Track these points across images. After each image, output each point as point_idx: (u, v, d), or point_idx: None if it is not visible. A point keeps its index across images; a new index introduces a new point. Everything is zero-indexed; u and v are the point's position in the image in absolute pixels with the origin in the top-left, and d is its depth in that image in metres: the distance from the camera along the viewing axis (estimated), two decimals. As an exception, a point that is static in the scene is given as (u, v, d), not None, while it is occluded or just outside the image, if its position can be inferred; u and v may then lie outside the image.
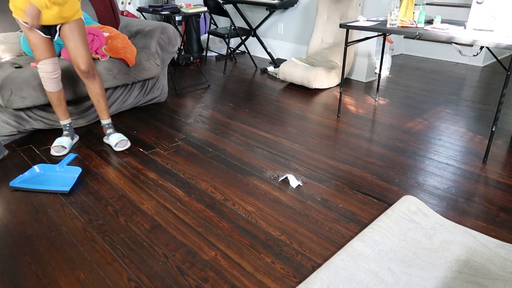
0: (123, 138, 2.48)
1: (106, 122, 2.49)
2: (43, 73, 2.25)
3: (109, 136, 2.49)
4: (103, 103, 2.41)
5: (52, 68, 2.24)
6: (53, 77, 2.27)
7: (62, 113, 2.44)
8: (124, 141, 2.48)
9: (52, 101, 2.38)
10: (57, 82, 2.30)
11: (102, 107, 2.43)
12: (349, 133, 2.80)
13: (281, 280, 1.49)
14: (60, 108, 2.41)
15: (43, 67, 2.23)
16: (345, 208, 1.94)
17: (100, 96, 2.37)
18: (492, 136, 2.33)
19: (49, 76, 2.25)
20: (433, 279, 1.49)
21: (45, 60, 2.21)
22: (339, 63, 3.87)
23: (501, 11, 2.32)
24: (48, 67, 2.23)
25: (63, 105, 2.41)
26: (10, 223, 1.80)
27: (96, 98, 2.37)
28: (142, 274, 1.51)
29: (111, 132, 2.50)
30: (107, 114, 2.47)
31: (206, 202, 1.98)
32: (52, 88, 2.31)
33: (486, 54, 4.59)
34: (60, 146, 2.42)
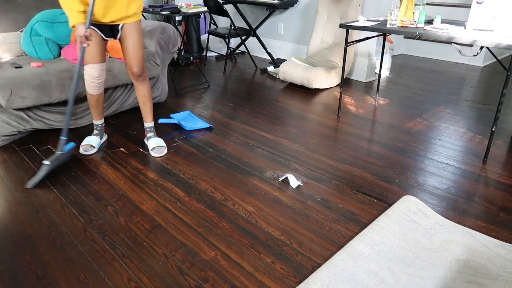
0: (161, 145, 2.46)
1: (149, 125, 2.50)
2: (88, 76, 2.26)
3: (149, 139, 2.50)
4: (148, 106, 2.42)
5: (98, 73, 2.25)
6: (97, 82, 2.29)
7: (97, 114, 2.48)
8: (162, 148, 2.44)
9: (90, 102, 2.41)
10: (100, 86, 2.33)
11: (147, 109, 2.44)
12: (349, 133, 2.80)
13: (281, 280, 1.49)
14: (96, 110, 2.45)
15: (90, 70, 2.23)
16: (345, 208, 1.94)
17: (146, 99, 2.39)
18: (492, 136, 2.33)
19: (93, 81, 2.27)
20: (433, 279, 1.49)
21: (93, 65, 2.22)
22: (339, 63, 3.87)
23: (501, 11, 2.32)
24: (94, 71, 2.24)
25: (100, 107, 2.44)
26: (10, 223, 1.80)
27: (143, 100, 2.39)
28: (142, 274, 1.51)
29: (151, 135, 2.51)
30: (151, 118, 2.48)
31: (206, 202, 1.98)
32: (94, 92, 2.33)
33: (486, 54, 4.59)
34: (89, 145, 2.45)
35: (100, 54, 2.20)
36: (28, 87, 2.40)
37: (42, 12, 2.88)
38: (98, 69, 2.23)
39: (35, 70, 2.49)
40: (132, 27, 2.16)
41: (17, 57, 2.78)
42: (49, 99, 2.51)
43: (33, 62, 2.60)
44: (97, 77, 2.26)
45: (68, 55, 2.71)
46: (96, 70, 2.23)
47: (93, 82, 2.27)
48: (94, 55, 2.18)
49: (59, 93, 2.54)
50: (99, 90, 2.34)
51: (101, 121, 2.53)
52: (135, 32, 2.17)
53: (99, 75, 2.26)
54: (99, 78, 2.27)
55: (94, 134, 2.53)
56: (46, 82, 2.47)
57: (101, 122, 2.53)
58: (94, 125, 2.53)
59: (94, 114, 2.48)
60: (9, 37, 2.80)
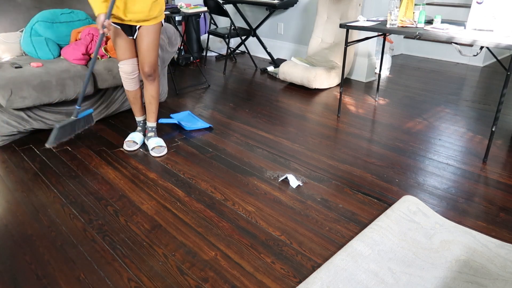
0: (161, 145, 2.50)
1: (151, 125, 2.54)
2: (122, 72, 2.35)
3: (149, 138, 2.53)
4: (154, 106, 2.47)
5: (131, 69, 2.33)
6: (131, 77, 2.36)
7: (137, 110, 2.54)
8: (161, 148, 2.47)
9: (129, 99, 2.49)
10: (135, 82, 2.40)
11: (152, 109, 2.48)
12: (349, 133, 2.80)
13: (281, 280, 1.49)
14: (136, 106, 2.51)
15: (123, 67, 2.32)
16: (345, 208, 1.94)
17: (153, 99, 2.43)
18: (492, 136, 2.33)
19: (127, 76, 2.35)
20: (433, 279, 1.49)
21: (125, 61, 2.30)
22: (339, 63, 3.87)
23: (501, 11, 2.32)
24: (127, 67, 2.32)
25: (139, 103, 2.50)
26: (10, 223, 1.80)
27: (149, 99, 2.43)
28: (142, 274, 1.51)
29: (152, 135, 2.54)
30: (154, 118, 2.52)
31: (206, 202, 1.98)
32: (130, 87, 2.41)
33: (486, 54, 4.59)
34: (132, 141, 2.53)
35: (130, 50, 2.28)
36: (28, 87, 2.40)
37: (42, 12, 2.88)
38: (130, 65, 2.31)
39: (35, 70, 2.49)
40: (150, 28, 2.20)
41: (17, 57, 2.78)
42: (49, 99, 2.51)
43: (33, 62, 2.60)
44: (130, 72, 2.34)
45: (68, 55, 2.71)
46: (129, 66, 2.31)
47: (127, 78, 2.36)
48: (124, 51, 2.27)
49: (59, 93, 2.54)
50: (135, 86, 2.41)
51: (143, 117, 2.58)
52: (152, 33, 2.22)
53: (132, 70, 2.33)
54: (133, 73, 2.35)
55: (137, 130, 2.60)
56: (46, 82, 2.47)
57: (143, 118, 2.58)
58: (137, 122, 2.59)
59: (135, 110, 2.55)
60: (9, 37, 2.80)
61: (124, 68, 2.32)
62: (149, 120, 2.53)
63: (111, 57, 2.83)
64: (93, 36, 2.79)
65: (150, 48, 2.24)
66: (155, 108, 2.48)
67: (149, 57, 2.26)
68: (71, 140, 2.62)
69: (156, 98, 2.45)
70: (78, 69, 2.63)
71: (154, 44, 2.25)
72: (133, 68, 2.33)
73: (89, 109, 2.34)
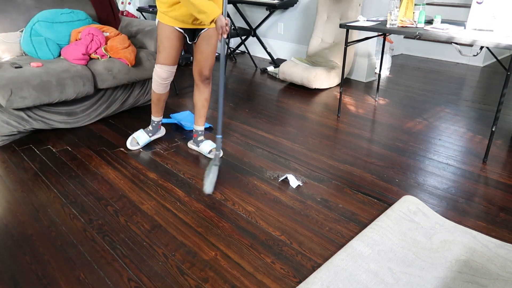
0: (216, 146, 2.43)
1: (200, 128, 2.50)
2: (157, 76, 2.29)
3: (200, 143, 2.49)
4: (205, 109, 2.45)
5: (166, 75, 2.28)
6: (163, 83, 2.32)
7: (156, 111, 2.50)
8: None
9: (152, 99, 2.44)
10: (166, 86, 2.36)
11: (204, 113, 2.45)
12: (349, 133, 2.80)
13: (281, 280, 1.49)
14: (158, 106, 2.48)
15: (159, 70, 2.26)
16: (345, 208, 1.94)
17: (207, 102, 2.42)
18: (492, 136, 2.33)
19: (161, 81, 2.30)
20: (433, 279, 1.49)
21: (164, 66, 2.24)
22: (339, 63, 3.87)
23: (501, 11, 2.32)
24: (164, 73, 2.26)
25: (161, 104, 2.47)
26: (10, 223, 1.80)
27: (202, 103, 2.41)
28: (142, 274, 1.51)
29: (202, 139, 2.50)
30: (204, 121, 2.50)
31: (206, 202, 1.98)
32: (158, 91, 2.37)
33: (486, 54, 4.59)
34: (136, 141, 2.51)
35: (175, 57, 2.24)
36: (28, 87, 2.40)
37: (42, 12, 2.88)
38: (167, 71, 2.26)
39: (35, 70, 2.49)
40: (211, 31, 2.18)
41: (17, 57, 2.78)
42: (49, 99, 2.51)
43: (33, 62, 2.60)
44: (165, 78, 2.29)
45: (68, 55, 2.71)
46: (166, 72, 2.26)
47: (160, 82, 2.31)
48: (170, 57, 2.21)
49: (59, 93, 2.54)
50: (164, 90, 2.38)
51: (159, 118, 2.55)
52: (213, 37, 2.20)
53: (167, 76, 2.29)
54: (167, 79, 2.30)
55: (146, 130, 2.56)
56: (46, 82, 2.47)
57: (159, 119, 2.55)
58: (151, 121, 2.56)
59: (154, 110, 2.50)
60: (9, 37, 2.80)
61: (160, 72, 2.26)
62: (198, 123, 2.48)
63: (111, 57, 2.82)
64: (93, 36, 2.79)
65: (213, 51, 2.24)
66: (205, 112, 2.46)
67: (211, 60, 2.25)
68: (71, 140, 2.62)
69: (208, 102, 2.43)
70: (78, 69, 2.63)
71: (214, 48, 2.24)
72: (168, 75, 2.28)
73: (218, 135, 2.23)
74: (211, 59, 2.26)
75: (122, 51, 2.82)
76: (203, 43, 2.22)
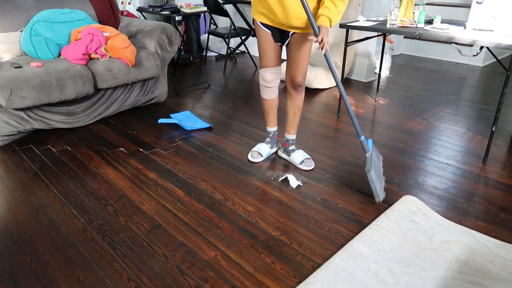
0: (308, 157, 2.35)
1: (292, 137, 2.40)
2: (263, 80, 2.22)
3: (291, 152, 2.38)
4: (297, 118, 2.33)
5: (272, 77, 2.21)
6: (270, 86, 2.23)
7: (271, 120, 2.40)
8: (310, 160, 2.33)
9: (263, 107, 2.36)
10: (273, 91, 2.27)
11: (296, 121, 2.34)
12: (349, 133, 2.80)
13: (281, 280, 1.49)
14: (269, 116, 2.38)
15: (265, 74, 2.19)
16: (345, 208, 1.94)
17: (298, 110, 2.31)
18: (492, 136, 2.33)
19: (266, 84, 2.23)
20: (433, 279, 1.49)
21: (268, 68, 2.17)
22: (339, 63, 3.87)
23: (501, 11, 2.32)
24: (269, 75, 2.19)
25: (273, 112, 2.37)
26: (10, 223, 1.80)
27: (294, 110, 2.30)
28: (142, 274, 1.51)
29: (294, 148, 2.40)
30: (296, 130, 2.38)
31: (206, 202, 1.98)
32: (266, 96, 2.29)
33: (486, 54, 4.59)
34: (257, 152, 2.40)
35: (276, 58, 2.15)
36: (28, 87, 2.40)
37: (42, 12, 2.88)
38: (272, 73, 2.19)
39: (35, 70, 2.49)
40: (305, 35, 2.03)
41: (17, 57, 2.78)
42: (49, 99, 2.51)
43: (33, 62, 2.60)
44: (271, 80, 2.21)
45: (68, 55, 2.71)
46: (271, 74, 2.19)
47: (266, 86, 2.23)
48: (270, 59, 2.14)
49: (59, 93, 2.54)
50: (272, 95, 2.28)
51: (274, 129, 2.43)
52: (307, 41, 2.04)
53: (273, 78, 2.21)
54: (273, 82, 2.22)
55: (265, 142, 2.46)
56: (46, 82, 2.47)
57: (274, 129, 2.43)
58: (267, 132, 2.45)
59: (268, 120, 2.40)
60: (9, 37, 2.80)
61: (265, 76, 2.19)
62: (290, 132, 2.38)
63: (111, 57, 2.82)
64: (93, 36, 2.79)
65: (306, 57, 2.10)
66: (298, 119, 2.35)
67: (303, 66, 2.12)
68: (71, 140, 2.62)
69: (301, 110, 2.31)
70: (78, 69, 2.63)
71: (309, 52, 2.11)
72: (274, 77, 2.20)
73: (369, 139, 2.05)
74: (303, 65, 2.12)
75: (122, 51, 2.82)
76: (293, 47, 2.09)
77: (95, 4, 3.26)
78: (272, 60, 2.15)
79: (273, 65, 2.16)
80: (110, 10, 3.33)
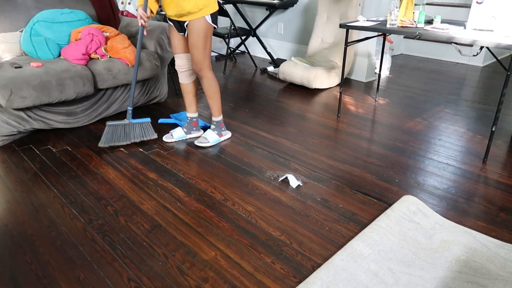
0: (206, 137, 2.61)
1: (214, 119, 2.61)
2: (176, 66, 2.52)
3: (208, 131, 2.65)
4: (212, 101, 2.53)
5: (179, 63, 2.49)
6: (180, 71, 2.51)
7: (186, 104, 2.65)
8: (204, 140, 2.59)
9: (182, 91, 2.62)
10: (186, 76, 2.53)
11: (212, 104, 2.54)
12: (349, 133, 2.80)
13: (281, 280, 1.49)
14: (184, 100, 2.63)
15: (176, 60, 2.50)
16: (345, 208, 1.94)
17: (210, 93, 2.50)
18: (492, 136, 2.33)
19: (177, 69, 2.52)
20: (433, 279, 1.49)
21: (176, 55, 2.47)
22: (339, 63, 3.87)
23: (501, 11, 2.32)
24: (178, 61, 2.49)
25: (187, 97, 2.61)
26: (10, 223, 1.80)
27: (207, 94, 2.52)
28: (142, 274, 1.51)
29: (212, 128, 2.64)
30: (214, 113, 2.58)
31: (206, 202, 1.98)
32: (181, 80, 2.56)
33: (486, 54, 4.59)
34: (170, 134, 2.66)
35: (180, 45, 2.42)
36: (28, 87, 2.40)
37: (42, 12, 2.88)
38: (179, 59, 2.47)
39: (35, 70, 2.49)
40: (190, 25, 2.25)
41: (17, 57, 2.78)
42: (49, 99, 2.51)
43: (33, 62, 2.60)
44: (179, 66, 2.49)
45: (68, 55, 2.71)
46: (179, 60, 2.48)
47: (178, 71, 2.52)
48: (175, 46, 2.43)
49: (59, 93, 2.54)
50: (185, 80, 2.54)
51: (191, 114, 2.66)
52: (193, 30, 2.26)
53: (180, 64, 2.49)
54: (181, 67, 2.49)
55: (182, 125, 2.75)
56: (46, 82, 2.47)
57: (191, 115, 2.66)
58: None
59: (185, 104, 2.65)
60: (9, 37, 2.80)
61: (176, 62, 2.49)
62: (213, 114, 2.60)
63: (111, 57, 2.82)
64: (93, 36, 2.79)
65: (192, 46, 2.30)
66: (212, 103, 2.54)
67: (193, 55, 2.34)
68: (71, 140, 2.62)
69: (210, 96, 2.51)
70: (78, 69, 2.63)
71: (196, 42, 2.28)
72: (181, 63, 2.48)
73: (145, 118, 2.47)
74: (193, 53, 2.32)
75: (122, 51, 2.82)
76: (188, 37, 2.32)
77: (95, 4, 3.26)
78: (177, 48, 2.43)
79: (179, 52, 2.45)
80: (110, 10, 3.33)
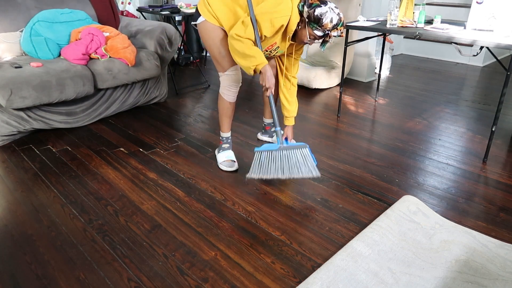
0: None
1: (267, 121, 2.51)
2: (232, 81, 2.18)
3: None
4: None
5: (240, 75, 2.21)
6: (239, 85, 2.22)
7: (230, 124, 2.36)
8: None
9: (226, 112, 2.31)
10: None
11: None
12: (349, 133, 2.80)
13: (281, 280, 1.49)
14: (230, 119, 2.35)
15: (234, 73, 2.16)
16: (345, 208, 1.94)
17: None
18: (492, 136, 2.33)
19: (237, 84, 2.21)
20: (433, 279, 1.49)
21: (237, 66, 2.14)
22: (339, 63, 3.87)
23: (501, 11, 2.32)
24: (238, 73, 2.19)
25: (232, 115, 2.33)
26: (10, 223, 1.80)
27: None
28: (142, 274, 1.51)
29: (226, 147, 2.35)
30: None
31: (206, 202, 1.98)
32: (232, 98, 2.25)
33: (486, 54, 4.59)
34: (231, 161, 2.29)
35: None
36: (28, 87, 2.40)
37: (42, 12, 2.88)
38: (240, 70, 2.18)
39: (35, 70, 2.49)
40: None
41: (17, 57, 2.78)
42: (49, 99, 2.51)
43: (33, 62, 2.60)
44: (240, 80, 2.21)
45: (68, 55, 2.71)
46: (239, 71, 2.19)
47: (236, 86, 2.22)
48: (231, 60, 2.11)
49: (59, 93, 2.54)
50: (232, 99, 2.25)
51: (228, 134, 2.38)
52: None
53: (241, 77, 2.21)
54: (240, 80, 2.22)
55: (228, 148, 2.37)
56: (46, 82, 2.47)
57: (228, 135, 2.38)
58: (225, 138, 2.38)
59: (228, 124, 2.36)
60: (9, 37, 2.80)
61: (235, 75, 2.18)
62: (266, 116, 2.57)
63: (111, 57, 2.83)
64: (93, 36, 2.79)
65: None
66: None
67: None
68: (71, 140, 2.62)
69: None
70: (78, 69, 2.63)
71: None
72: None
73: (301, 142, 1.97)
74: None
75: (122, 51, 2.82)
76: None
77: (95, 4, 3.26)
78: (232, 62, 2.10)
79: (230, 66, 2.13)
80: (110, 10, 3.33)
